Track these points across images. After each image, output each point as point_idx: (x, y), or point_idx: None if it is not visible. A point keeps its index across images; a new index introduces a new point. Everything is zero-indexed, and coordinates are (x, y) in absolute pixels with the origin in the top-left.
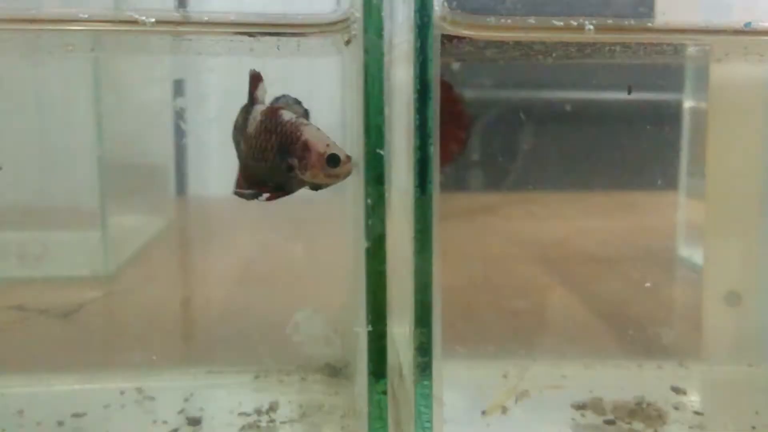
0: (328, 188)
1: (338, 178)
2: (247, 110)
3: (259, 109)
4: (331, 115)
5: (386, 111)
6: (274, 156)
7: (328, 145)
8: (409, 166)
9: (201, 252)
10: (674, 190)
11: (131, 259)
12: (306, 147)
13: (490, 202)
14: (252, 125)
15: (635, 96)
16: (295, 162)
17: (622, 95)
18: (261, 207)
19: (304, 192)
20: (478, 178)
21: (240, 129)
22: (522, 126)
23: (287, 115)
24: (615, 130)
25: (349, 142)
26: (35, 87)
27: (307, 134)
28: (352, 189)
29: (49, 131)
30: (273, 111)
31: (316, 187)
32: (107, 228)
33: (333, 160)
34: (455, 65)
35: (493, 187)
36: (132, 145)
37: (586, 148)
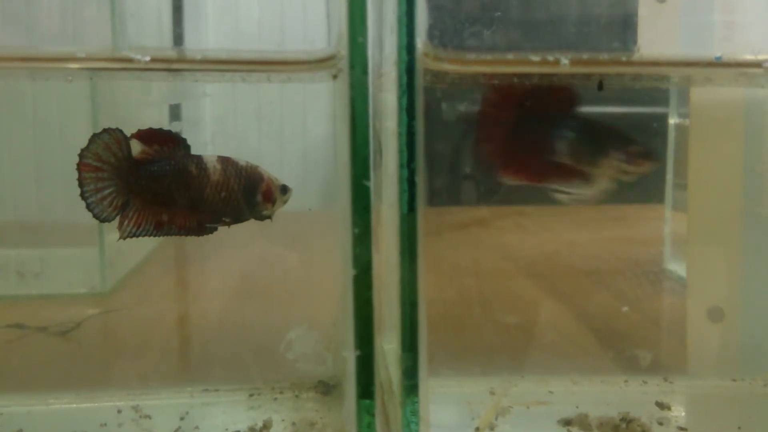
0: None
1: (285, 204)
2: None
3: (212, 159)
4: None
5: (377, 126)
6: (240, 195)
7: (276, 179)
8: (396, 195)
9: (196, 269)
10: (661, 203)
11: (128, 276)
12: (270, 183)
13: (481, 215)
14: (215, 173)
15: (623, 112)
16: (260, 198)
17: (610, 111)
18: (256, 225)
19: (299, 208)
20: (469, 192)
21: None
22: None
23: (241, 161)
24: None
25: (340, 169)
26: (33, 107)
27: (265, 173)
28: (341, 215)
29: (47, 150)
30: (227, 159)
31: (264, 217)
32: (104, 245)
33: (284, 189)
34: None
35: (484, 200)
36: None
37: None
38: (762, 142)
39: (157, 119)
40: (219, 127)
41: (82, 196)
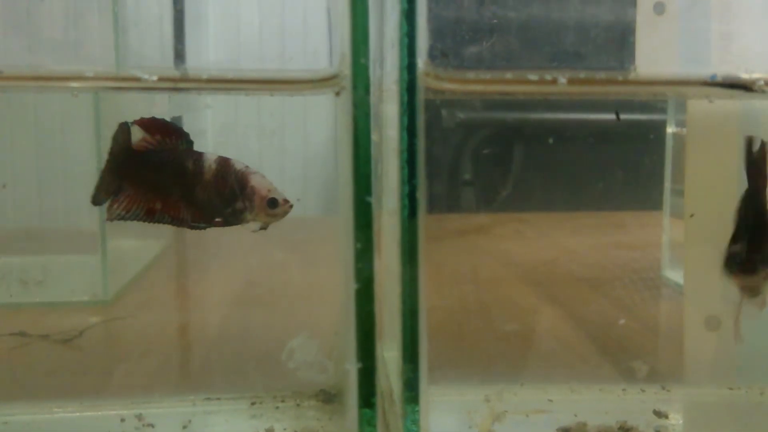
0: (324, 217)
1: (277, 217)
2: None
3: (212, 158)
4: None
5: (377, 137)
6: (228, 198)
7: (269, 191)
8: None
9: (198, 277)
10: (659, 210)
11: (130, 284)
12: (253, 192)
13: (481, 222)
14: (208, 172)
15: (622, 120)
16: (245, 204)
17: (609, 119)
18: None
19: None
20: (469, 199)
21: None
22: (512, 148)
23: (238, 164)
24: (603, 152)
25: (342, 183)
26: (36, 114)
27: (253, 181)
28: (343, 228)
29: (49, 157)
30: (226, 161)
31: (263, 227)
32: (106, 253)
33: (272, 203)
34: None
35: (484, 207)
36: None
37: (574, 169)
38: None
39: None
40: (221, 137)
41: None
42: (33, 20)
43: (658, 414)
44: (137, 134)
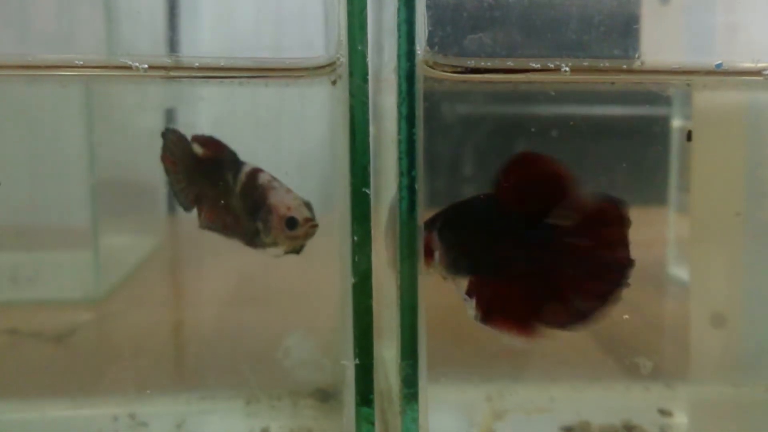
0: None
1: (298, 240)
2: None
3: (245, 169)
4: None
5: (374, 130)
6: (248, 216)
7: (289, 209)
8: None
9: (193, 274)
10: (664, 206)
11: (123, 281)
12: (269, 211)
13: None
14: (238, 185)
15: (626, 113)
16: (260, 225)
17: (611, 112)
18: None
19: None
20: (469, 193)
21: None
22: (514, 140)
23: (263, 177)
24: (606, 146)
25: (339, 175)
26: (27, 109)
27: (272, 198)
28: (340, 222)
29: (41, 153)
30: (254, 173)
31: (297, 250)
32: (99, 249)
33: (291, 223)
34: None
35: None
36: (123, 166)
37: (577, 163)
38: (764, 145)
39: (153, 122)
40: (216, 130)
41: (169, 185)
42: (25, 11)
43: (663, 412)
44: (198, 150)
